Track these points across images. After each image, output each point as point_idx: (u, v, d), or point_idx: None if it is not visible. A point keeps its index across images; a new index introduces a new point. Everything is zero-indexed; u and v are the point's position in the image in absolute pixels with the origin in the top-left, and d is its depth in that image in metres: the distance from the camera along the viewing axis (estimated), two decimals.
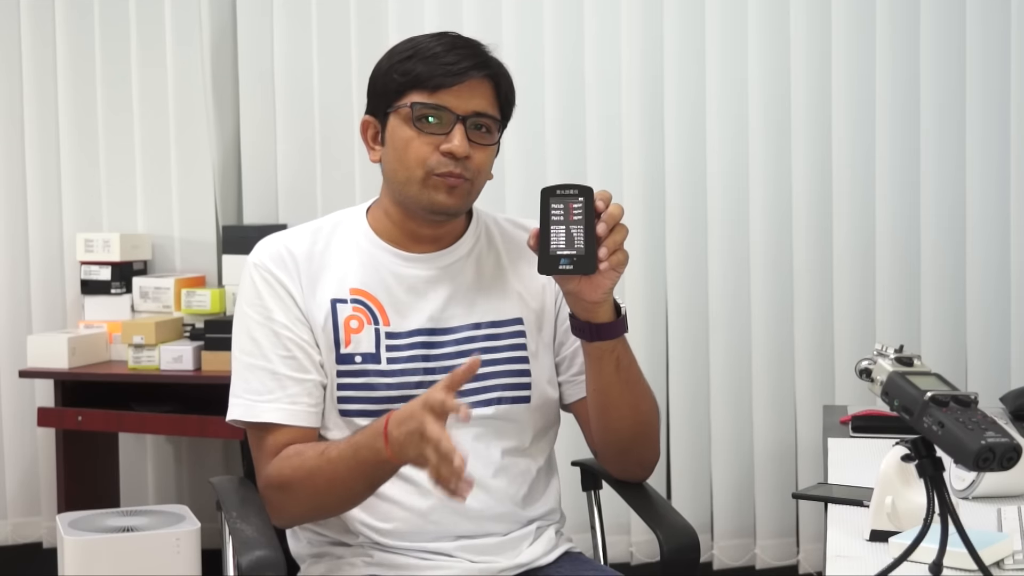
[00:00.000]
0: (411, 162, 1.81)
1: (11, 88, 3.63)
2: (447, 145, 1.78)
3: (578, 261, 1.68)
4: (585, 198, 1.70)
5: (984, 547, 1.41)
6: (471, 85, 1.81)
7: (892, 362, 1.45)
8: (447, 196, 1.81)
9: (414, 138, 1.80)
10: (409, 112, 1.80)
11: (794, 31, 3.16)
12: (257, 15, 3.55)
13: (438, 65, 1.80)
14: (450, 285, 1.89)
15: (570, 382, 1.96)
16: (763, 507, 3.26)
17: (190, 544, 2.92)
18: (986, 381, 2.99)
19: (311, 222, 1.95)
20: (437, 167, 1.79)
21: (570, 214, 1.69)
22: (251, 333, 1.85)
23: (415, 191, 1.82)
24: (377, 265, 1.87)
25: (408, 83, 1.81)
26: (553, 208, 1.70)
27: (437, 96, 1.80)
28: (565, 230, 1.69)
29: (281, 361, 1.82)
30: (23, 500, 3.68)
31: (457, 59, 1.81)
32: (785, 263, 3.21)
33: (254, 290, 1.86)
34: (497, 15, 3.33)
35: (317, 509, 1.83)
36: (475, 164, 1.81)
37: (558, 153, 3.32)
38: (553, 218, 1.69)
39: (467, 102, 1.80)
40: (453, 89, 1.80)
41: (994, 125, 3.05)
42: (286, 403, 1.82)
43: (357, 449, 1.72)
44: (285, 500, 1.81)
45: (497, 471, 1.86)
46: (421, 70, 1.80)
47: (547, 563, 1.90)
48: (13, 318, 3.64)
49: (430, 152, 1.80)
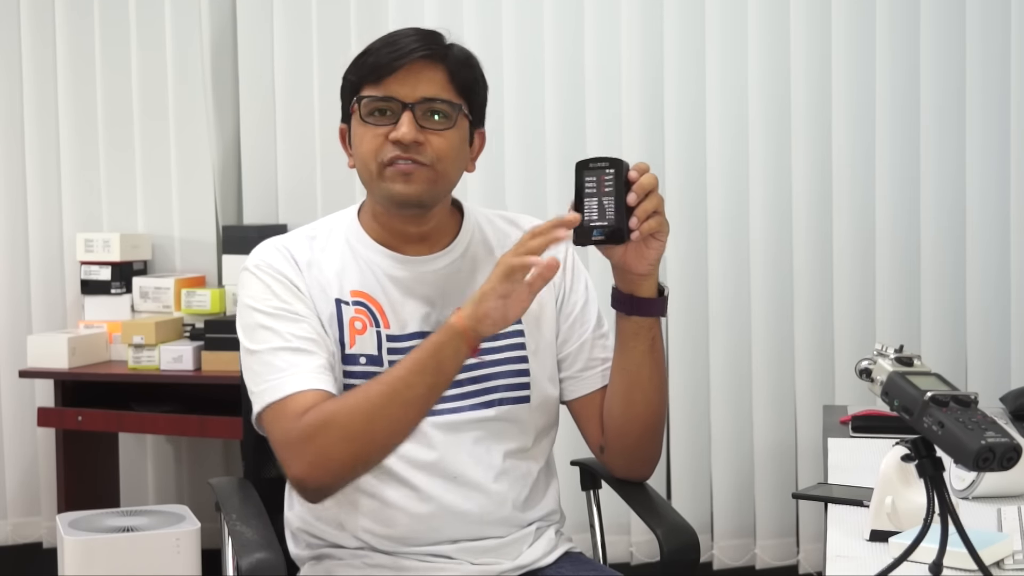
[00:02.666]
0: (367, 157, 1.80)
1: (11, 88, 3.64)
2: (394, 133, 1.77)
3: (610, 231, 1.70)
4: (616, 169, 1.71)
5: (984, 547, 1.41)
6: (415, 71, 1.79)
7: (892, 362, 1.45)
8: (404, 184, 1.78)
9: (366, 132, 1.80)
10: (356, 108, 1.80)
11: (794, 31, 3.16)
12: (257, 15, 3.55)
13: (382, 54, 1.79)
14: (446, 288, 1.88)
15: (573, 378, 1.95)
16: (763, 507, 3.26)
17: (190, 544, 2.92)
18: (986, 381, 2.99)
19: (304, 227, 1.93)
20: (386, 155, 1.78)
21: (602, 186, 1.71)
22: (264, 324, 1.79)
23: (376, 186, 1.81)
24: (373, 268, 1.86)
25: (358, 80, 1.81)
26: (587, 180, 1.71)
27: (383, 86, 1.78)
28: (597, 201, 1.70)
29: (301, 340, 1.76)
30: (23, 500, 3.68)
31: (397, 48, 1.79)
32: (785, 263, 3.21)
33: (262, 286, 1.81)
34: (497, 15, 3.33)
35: (366, 444, 1.69)
36: (433, 150, 1.78)
37: (558, 153, 3.32)
38: (586, 191, 1.71)
39: (414, 89, 1.78)
40: (397, 76, 1.78)
41: (994, 125, 3.06)
42: (311, 373, 1.75)
43: (417, 353, 1.69)
44: (327, 443, 1.68)
45: (498, 475, 1.86)
46: (368, 62, 1.80)
47: (547, 564, 1.90)
48: (13, 318, 3.65)
49: (381, 143, 1.78)
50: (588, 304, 1.96)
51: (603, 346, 1.94)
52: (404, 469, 1.81)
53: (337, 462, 1.70)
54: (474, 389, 1.85)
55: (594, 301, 1.98)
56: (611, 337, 1.94)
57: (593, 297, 1.98)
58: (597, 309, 1.97)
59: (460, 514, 1.82)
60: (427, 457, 1.82)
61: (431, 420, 1.81)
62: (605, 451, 1.95)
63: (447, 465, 1.82)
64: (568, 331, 1.94)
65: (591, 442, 1.97)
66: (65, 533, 2.91)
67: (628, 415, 1.88)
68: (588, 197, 1.71)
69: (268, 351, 1.76)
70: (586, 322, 1.95)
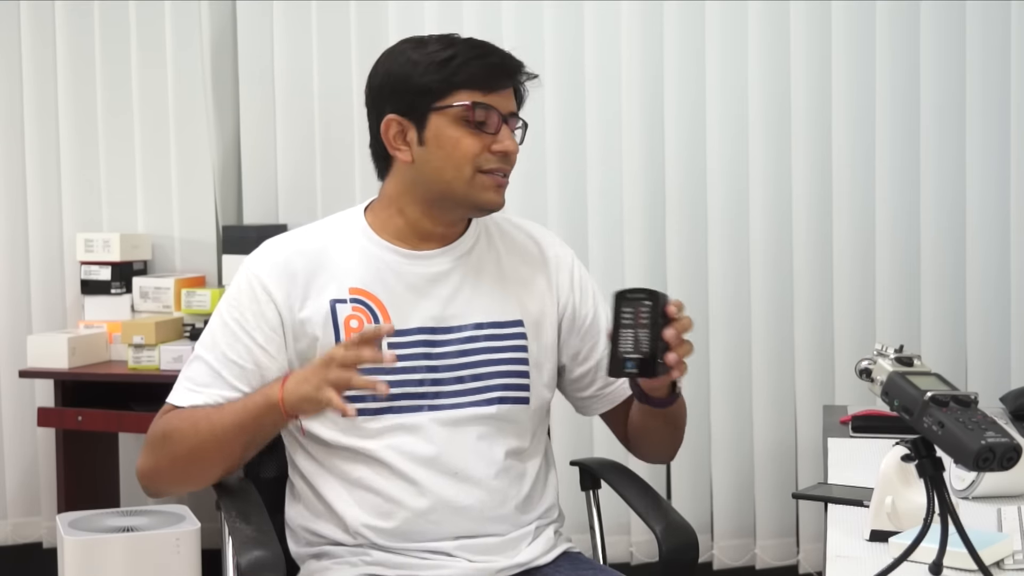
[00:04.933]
0: (461, 160, 1.82)
1: (11, 89, 3.63)
2: (499, 145, 1.82)
3: (642, 364, 1.71)
4: (653, 303, 1.73)
5: (984, 547, 1.41)
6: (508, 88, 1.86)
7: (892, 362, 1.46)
8: (495, 194, 1.86)
9: (464, 137, 1.82)
10: (460, 112, 1.81)
11: (794, 31, 3.16)
12: (257, 15, 3.55)
13: (491, 65, 1.83)
14: (450, 284, 1.89)
15: (595, 397, 2.01)
16: (763, 507, 3.26)
17: (190, 544, 2.92)
18: (986, 381, 2.99)
19: (309, 225, 1.96)
20: (485, 164, 1.82)
21: (638, 318, 1.73)
22: (215, 329, 1.87)
23: (463, 189, 1.84)
24: (377, 263, 1.88)
25: (459, 82, 1.81)
26: (623, 311, 1.74)
27: (491, 97, 1.82)
28: (633, 334, 1.73)
29: (227, 364, 1.83)
30: (23, 500, 3.68)
31: (504, 62, 1.85)
32: (785, 263, 3.21)
33: (237, 293, 1.88)
34: (497, 15, 3.33)
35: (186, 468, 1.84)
36: (512, 163, 1.87)
37: (558, 153, 3.32)
38: (623, 321, 1.73)
39: (507, 102, 1.85)
40: (504, 92, 1.84)
41: (994, 125, 3.05)
42: (216, 398, 1.83)
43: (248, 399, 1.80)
44: (161, 453, 1.84)
45: (499, 472, 1.87)
46: (476, 70, 1.81)
47: (546, 563, 1.90)
48: (13, 318, 3.64)
49: (480, 150, 1.82)
50: (598, 317, 2.00)
51: None
52: (404, 463, 1.82)
53: (164, 472, 1.86)
54: (476, 386, 1.86)
55: (603, 313, 2.00)
56: None
57: (602, 309, 2.01)
58: (606, 320, 2.00)
59: (460, 509, 1.83)
60: (427, 452, 1.83)
61: (431, 415, 1.83)
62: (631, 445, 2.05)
63: (447, 460, 1.83)
64: (579, 344, 1.98)
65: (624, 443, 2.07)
66: (65, 533, 2.90)
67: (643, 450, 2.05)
68: (624, 328, 1.73)
69: (198, 358, 1.87)
70: (597, 335, 1.98)
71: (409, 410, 1.83)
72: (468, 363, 1.86)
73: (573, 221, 3.31)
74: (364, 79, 1.93)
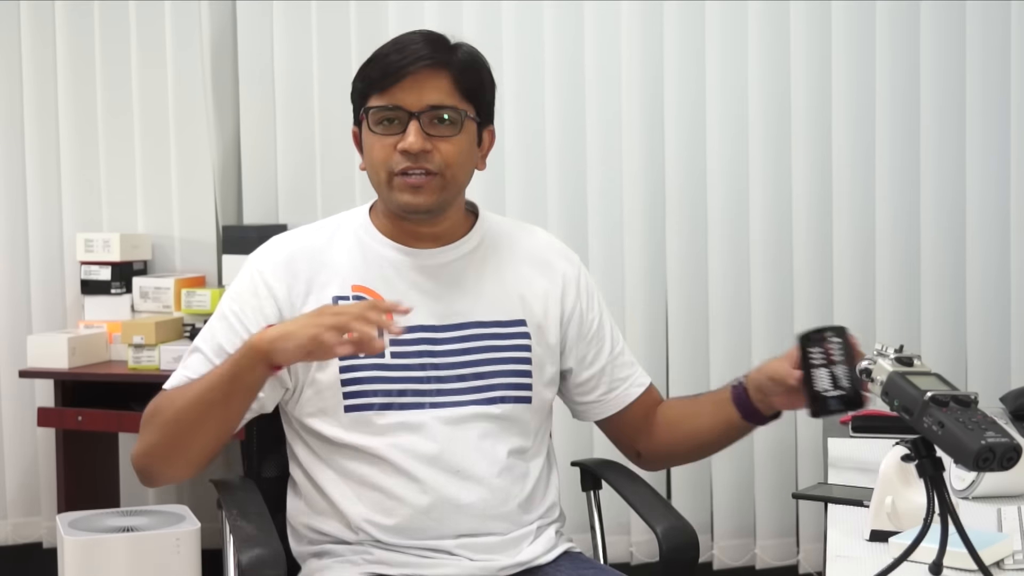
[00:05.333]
0: (376, 165, 1.83)
1: (11, 89, 3.63)
2: (402, 143, 1.80)
3: (848, 400, 1.69)
4: (842, 338, 1.73)
5: (984, 547, 1.41)
6: (420, 79, 1.81)
7: (892, 362, 1.46)
8: (412, 196, 1.82)
9: (376, 141, 1.83)
10: (365, 117, 1.83)
11: (794, 31, 3.16)
12: (257, 16, 3.55)
13: (387, 63, 1.82)
14: (452, 282, 1.90)
15: (598, 402, 2.01)
16: (763, 507, 3.26)
17: (190, 544, 2.92)
18: (986, 381, 2.99)
19: (314, 223, 1.98)
20: (395, 165, 1.81)
21: (830, 355, 1.72)
22: (214, 321, 1.88)
23: (384, 194, 1.85)
24: (379, 260, 1.88)
25: (366, 88, 1.84)
26: (811, 352, 1.73)
27: (389, 95, 1.81)
28: (828, 372, 1.72)
29: (221, 355, 1.82)
30: (23, 500, 3.68)
31: (401, 56, 1.81)
32: (785, 263, 3.21)
33: (239, 287, 1.88)
34: (497, 16, 3.33)
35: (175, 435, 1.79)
36: (440, 157, 1.81)
37: (558, 153, 3.32)
38: (813, 362, 1.73)
39: (420, 97, 1.80)
40: (402, 85, 1.80)
41: (994, 125, 3.06)
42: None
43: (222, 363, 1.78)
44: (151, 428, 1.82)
45: (502, 470, 1.87)
46: (373, 73, 1.83)
47: (547, 562, 1.90)
48: (13, 318, 3.64)
49: (390, 152, 1.81)
50: (603, 323, 2.00)
51: (622, 364, 2.01)
52: (406, 461, 1.83)
53: (156, 447, 1.82)
54: (478, 385, 1.86)
55: (607, 317, 2.02)
56: (627, 353, 2.02)
57: (606, 314, 2.02)
58: (611, 325, 2.01)
59: (461, 507, 1.83)
60: (428, 449, 1.83)
61: (433, 413, 1.84)
62: (642, 458, 2.05)
63: (450, 458, 1.83)
64: (584, 350, 1.98)
65: (625, 451, 2.06)
66: (65, 533, 2.90)
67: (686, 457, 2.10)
68: (817, 368, 1.72)
69: (195, 350, 1.87)
70: (602, 341, 1.99)
71: (411, 407, 1.84)
72: (470, 361, 1.87)
73: (573, 221, 3.31)
74: None
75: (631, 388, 2.01)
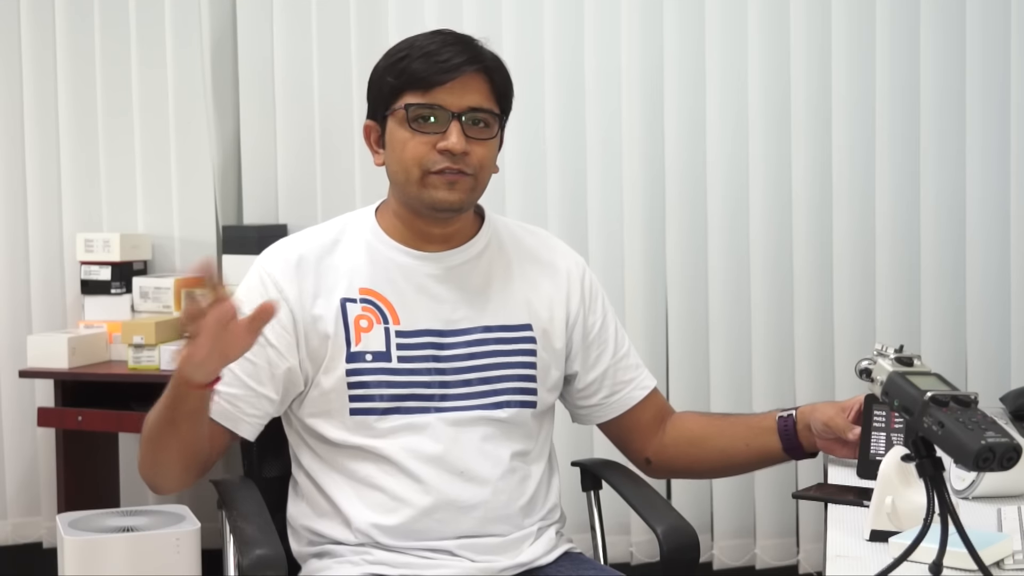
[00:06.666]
0: (408, 163, 1.82)
1: (11, 89, 3.63)
2: (444, 143, 1.80)
3: None
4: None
5: (984, 547, 1.41)
6: (464, 81, 1.82)
7: (892, 362, 1.46)
8: (448, 192, 1.82)
9: (410, 139, 1.82)
10: (404, 114, 1.81)
11: (794, 30, 3.16)
12: (257, 15, 3.55)
13: (431, 63, 1.81)
14: (459, 286, 1.90)
15: (601, 405, 2.02)
16: (763, 507, 3.26)
17: (190, 544, 2.92)
18: (986, 381, 2.99)
19: (320, 225, 1.97)
20: (433, 165, 1.81)
21: (891, 421, 1.78)
22: None
23: (415, 191, 1.83)
24: (386, 263, 1.88)
25: (402, 84, 1.82)
26: (876, 415, 1.78)
27: (431, 95, 1.81)
28: (885, 437, 1.78)
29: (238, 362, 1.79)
30: (23, 500, 3.68)
31: (449, 56, 1.81)
32: (785, 263, 3.21)
33: (249, 290, 1.87)
34: (497, 15, 3.33)
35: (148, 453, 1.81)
36: (476, 159, 1.82)
37: (558, 153, 3.32)
38: (875, 424, 1.78)
39: (461, 98, 1.81)
40: (447, 86, 1.81)
41: (994, 125, 3.06)
42: (222, 399, 1.82)
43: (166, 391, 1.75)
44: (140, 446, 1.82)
45: (505, 473, 1.87)
46: (414, 69, 1.82)
47: (547, 563, 1.91)
48: (13, 318, 3.64)
49: (427, 151, 1.81)
50: (607, 324, 2.00)
51: (625, 367, 2.02)
52: (410, 461, 1.83)
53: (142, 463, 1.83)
54: (483, 390, 1.87)
55: (612, 319, 2.02)
56: (632, 356, 2.02)
57: (611, 316, 2.02)
58: (615, 327, 2.01)
59: (464, 508, 1.84)
60: (432, 450, 1.83)
61: (438, 416, 1.84)
62: (653, 466, 2.06)
63: (454, 460, 1.84)
64: (587, 352, 1.98)
65: (632, 456, 2.07)
66: (65, 533, 2.90)
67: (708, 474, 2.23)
68: (876, 431, 1.78)
69: None
70: (605, 343, 1.99)
71: (417, 411, 1.84)
72: (476, 366, 1.87)
73: (573, 221, 3.31)
74: (364, 79, 1.94)
75: (635, 391, 2.01)
